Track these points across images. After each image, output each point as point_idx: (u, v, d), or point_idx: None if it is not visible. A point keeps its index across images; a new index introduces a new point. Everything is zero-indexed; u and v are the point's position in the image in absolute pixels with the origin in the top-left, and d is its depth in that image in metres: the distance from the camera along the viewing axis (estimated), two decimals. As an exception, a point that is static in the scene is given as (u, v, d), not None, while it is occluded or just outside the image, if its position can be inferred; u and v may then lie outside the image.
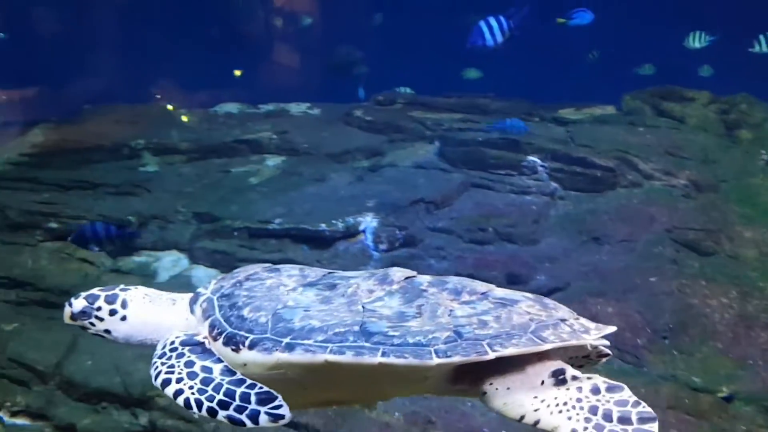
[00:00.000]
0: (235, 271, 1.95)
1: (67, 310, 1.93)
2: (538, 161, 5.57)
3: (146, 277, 4.79)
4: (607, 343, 1.67)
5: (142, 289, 1.95)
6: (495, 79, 8.31)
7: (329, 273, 1.88)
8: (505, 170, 5.76)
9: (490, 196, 5.43)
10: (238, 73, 9.34)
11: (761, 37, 6.64)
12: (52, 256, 5.02)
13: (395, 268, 1.83)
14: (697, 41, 7.16)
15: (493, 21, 5.39)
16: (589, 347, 1.65)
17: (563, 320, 1.64)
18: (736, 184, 5.12)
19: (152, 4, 9.48)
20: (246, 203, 5.51)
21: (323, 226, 4.98)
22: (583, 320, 1.67)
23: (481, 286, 1.76)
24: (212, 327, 1.75)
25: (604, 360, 1.71)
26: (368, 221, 5.01)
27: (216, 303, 1.81)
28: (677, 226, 4.72)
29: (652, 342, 3.97)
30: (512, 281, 4.52)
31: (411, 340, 1.60)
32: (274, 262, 4.94)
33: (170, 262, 5.01)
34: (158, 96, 8.95)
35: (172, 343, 1.77)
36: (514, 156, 5.77)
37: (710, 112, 6.31)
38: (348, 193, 5.63)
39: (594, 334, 1.63)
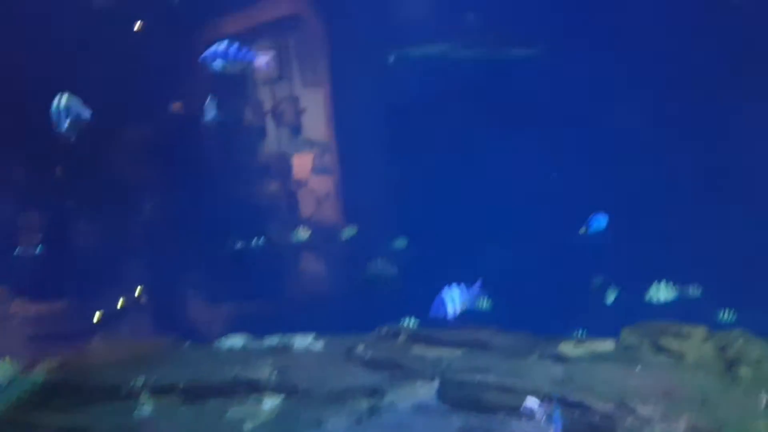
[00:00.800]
0: None
1: None
2: (536, 405, 5.49)
3: None
4: None
5: None
6: (500, 308, 8.44)
7: None
8: (503, 413, 5.67)
9: (489, 442, 5.29)
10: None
11: (655, 283, 6.71)
12: None
13: None
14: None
15: (455, 291, 5.63)
16: None
17: None
18: (736, 429, 4.96)
19: (163, 238, 9.91)
20: (237, 453, 5.38)
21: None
22: None
23: None
24: None
25: None
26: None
27: None
28: (681, 479, 4.51)
29: None
30: None
31: None
32: None
33: None
34: (166, 329, 9.11)
35: None
36: (513, 398, 5.70)
37: (708, 349, 6.29)
38: (344, 440, 5.52)
39: None
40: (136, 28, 9.74)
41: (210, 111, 7.20)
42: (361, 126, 10.34)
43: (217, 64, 5.49)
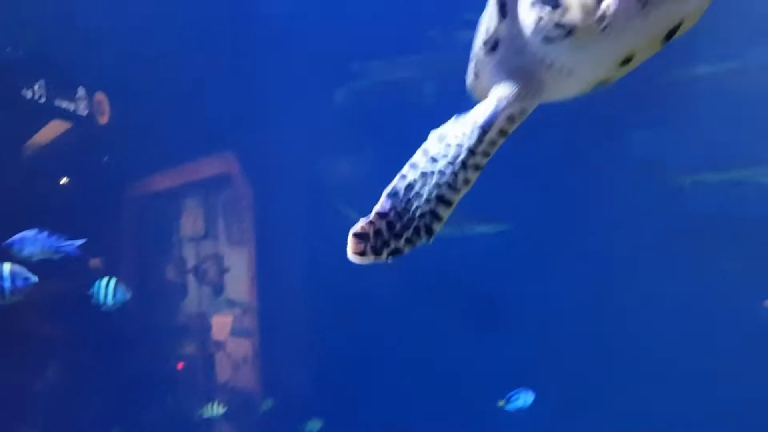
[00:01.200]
0: None
1: None
2: None
3: None
4: None
5: None
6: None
7: None
8: None
9: None
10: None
11: None
12: None
13: None
14: None
15: None
16: None
17: None
18: None
19: (63, 408, 9.16)
20: None
21: None
22: None
23: None
24: None
25: None
26: None
27: None
28: None
29: None
30: None
31: None
32: None
33: None
34: None
35: None
36: None
37: None
38: None
39: None
40: (62, 182, 9.64)
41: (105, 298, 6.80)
42: (287, 291, 10.12)
43: (25, 251, 5.35)
